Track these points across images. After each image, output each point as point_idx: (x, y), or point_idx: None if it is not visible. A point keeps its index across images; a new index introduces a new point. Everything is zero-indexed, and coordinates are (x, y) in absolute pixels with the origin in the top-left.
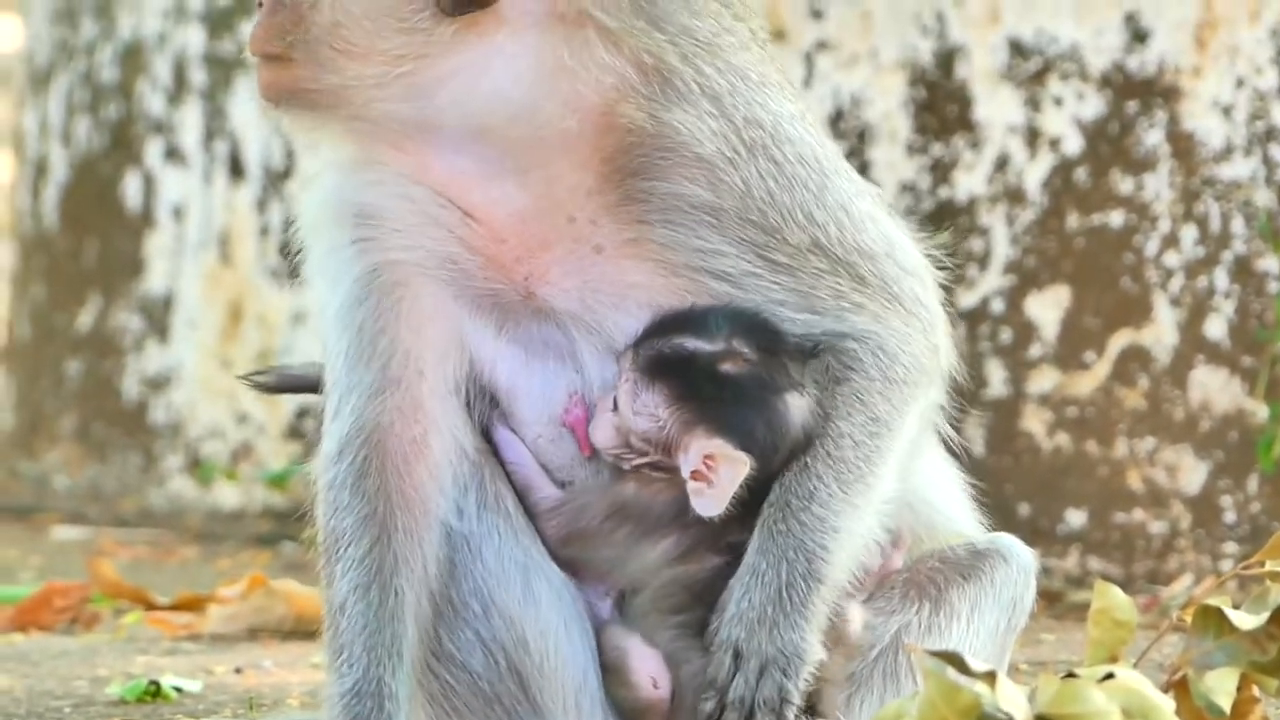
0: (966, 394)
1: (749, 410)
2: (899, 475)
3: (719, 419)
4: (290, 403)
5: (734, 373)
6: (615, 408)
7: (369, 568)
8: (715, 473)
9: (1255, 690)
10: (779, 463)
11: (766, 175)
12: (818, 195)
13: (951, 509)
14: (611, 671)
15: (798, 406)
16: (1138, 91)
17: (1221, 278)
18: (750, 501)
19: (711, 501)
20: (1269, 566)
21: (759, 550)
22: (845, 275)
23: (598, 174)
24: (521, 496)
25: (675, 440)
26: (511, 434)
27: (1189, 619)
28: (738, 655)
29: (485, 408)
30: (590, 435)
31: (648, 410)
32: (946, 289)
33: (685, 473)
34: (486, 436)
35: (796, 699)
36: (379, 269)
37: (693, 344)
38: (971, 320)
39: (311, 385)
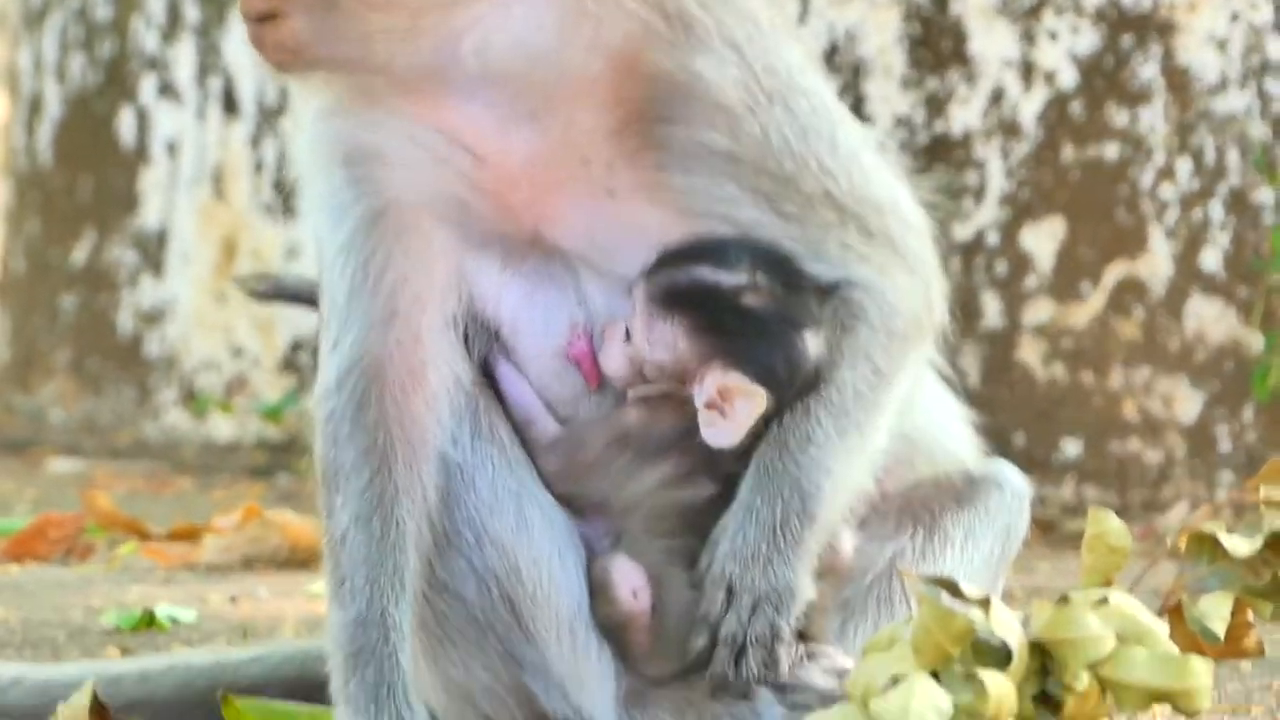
0: (962, 326)
1: (770, 345)
2: (890, 427)
3: (738, 352)
4: (284, 336)
5: (756, 306)
6: (628, 337)
7: (370, 499)
8: (731, 405)
9: (1249, 615)
10: (791, 397)
11: (784, 123)
12: (830, 144)
13: (947, 437)
14: (596, 591)
15: (815, 344)
16: (1132, 26)
17: (1217, 210)
18: (758, 434)
19: (725, 433)
20: (1263, 493)
21: (754, 488)
22: (853, 227)
23: (617, 119)
24: (521, 432)
25: (691, 371)
26: (513, 368)
27: (1184, 545)
28: (730, 591)
29: (485, 341)
30: (601, 364)
31: (664, 340)
32: (941, 224)
33: (700, 403)
34: (486, 370)
35: (788, 635)
36: (385, 207)
37: (713, 275)
38: (967, 253)
39: (305, 297)
